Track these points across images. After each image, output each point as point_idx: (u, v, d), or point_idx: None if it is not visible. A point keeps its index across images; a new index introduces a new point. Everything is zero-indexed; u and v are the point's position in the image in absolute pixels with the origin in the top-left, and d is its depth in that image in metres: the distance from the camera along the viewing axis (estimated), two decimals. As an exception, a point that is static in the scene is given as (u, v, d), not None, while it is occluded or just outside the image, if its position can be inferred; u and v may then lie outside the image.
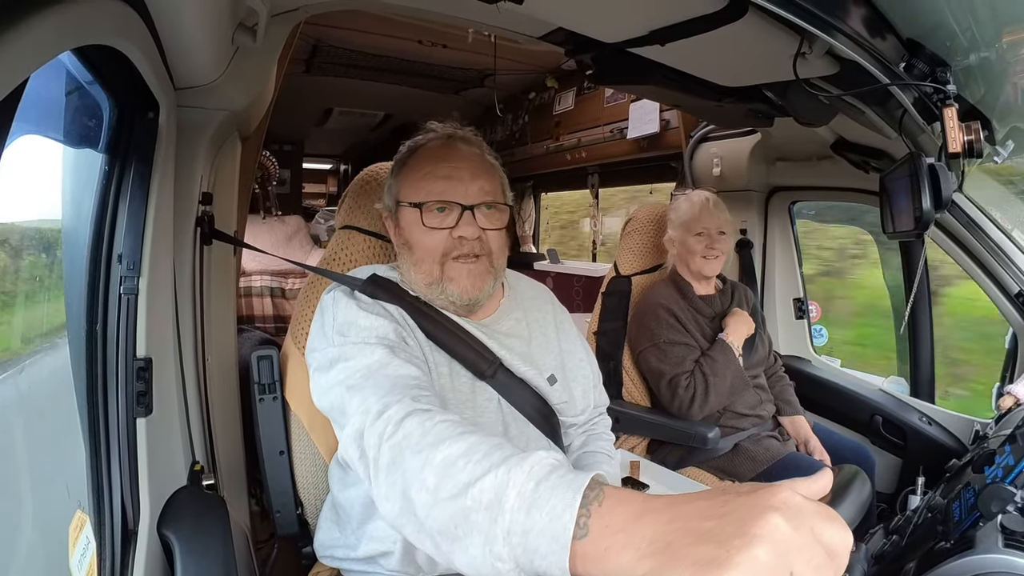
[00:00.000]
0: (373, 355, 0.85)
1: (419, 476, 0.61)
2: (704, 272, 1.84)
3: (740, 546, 0.40)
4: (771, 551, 0.40)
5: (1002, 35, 0.97)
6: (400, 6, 1.41)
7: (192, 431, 1.11)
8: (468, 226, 0.97)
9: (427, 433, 0.65)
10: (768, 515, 0.42)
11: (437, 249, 0.98)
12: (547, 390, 1.07)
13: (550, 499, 0.50)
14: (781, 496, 0.44)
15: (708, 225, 1.81)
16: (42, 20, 0.53)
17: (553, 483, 0.52)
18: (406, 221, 1.01)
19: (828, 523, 0.43)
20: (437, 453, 0.61)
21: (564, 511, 0.49)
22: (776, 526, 0.41)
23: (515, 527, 0.51)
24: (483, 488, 0.55)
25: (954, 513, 1.04)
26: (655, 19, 1.12)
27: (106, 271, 0.92)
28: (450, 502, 0.57)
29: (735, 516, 0.43)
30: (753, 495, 0.45)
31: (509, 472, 0.54)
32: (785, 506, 0.43)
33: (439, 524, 0.58)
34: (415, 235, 0.99)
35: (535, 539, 0.50)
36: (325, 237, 2.70)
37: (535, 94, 4.09)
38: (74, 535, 0.85)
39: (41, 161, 0.85)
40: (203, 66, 1.01)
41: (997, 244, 1.75)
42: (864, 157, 1.80)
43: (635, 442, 1.91)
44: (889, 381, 2.23)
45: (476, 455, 0.59)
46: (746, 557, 0.40)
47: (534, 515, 0.50)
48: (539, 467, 0.54)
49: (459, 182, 0.98)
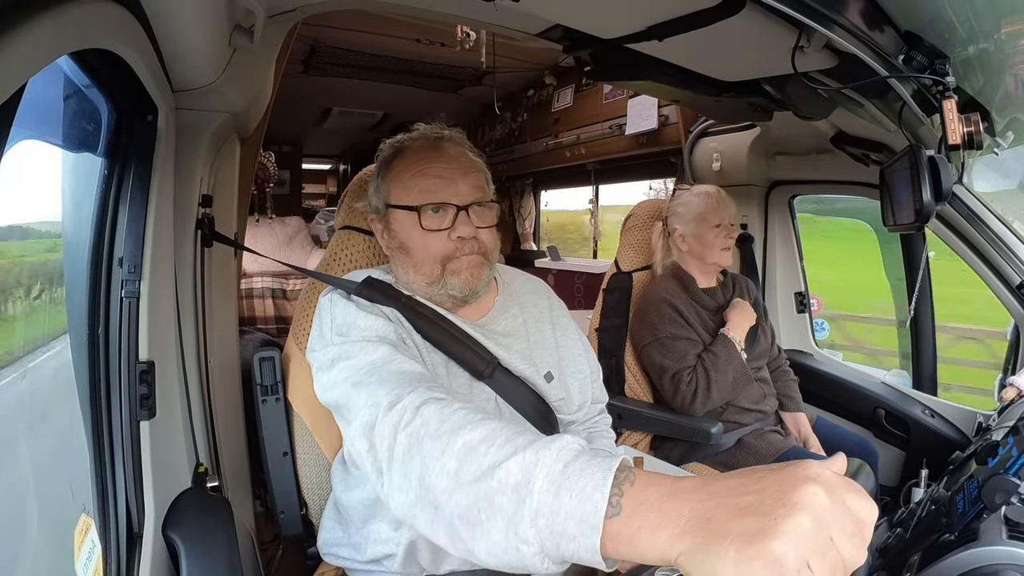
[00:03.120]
0: (376, 352, 0.85)
1: (439, 461, 0.60)
2: (722, 263, 1.84)
3: (784, 515, 0.42)
4: (813, 519, 0.42)
5: (1001, 26, 0.97)
6: (397, 5, 1.41)
7: (195, 433, 1.11)
8: (464, 226, 0.97)
9: (446, 420, 0.64)
10: (807, 485, 0.44)
11: (438, 252, 0.98)
12: (544, 387, 1.07)
13: (579, 479, 0.50)
14: (814, 469, 0.46)
15: (724, 216, 1.82)
16: (39, 25, 0.53)
17: (582, 464, 0.52)
18: (400, 224, 1.00)
19: (857, 495, 0.45)
20: (458, 438, 0.60)
21: (595, 491, 0.49)
22: (815, 494, 0.43)
23: (543, 508, 0.51)
24: (509, 470, 0.54)
25: (958, 505, 1.04)
26: (653, 14, 1.12)
27: (107, 275, 0.92)
28: (473, 485, 0.56)
29: (773, 489, 0.44)
30: (787, 470, 0.46)
31: (537, 454, 0.54)
32: (820, 478, 0.45)
33: (460, 508, 0.57)
34: (413, 238, 0.99)
35: (563, 521, 0.49)
36: (325, 237, 2.69)
37: (534, 91, 4.09)
38: (79, 539, 0.85)
39: (41, 165, 0.85)
40: (201, 68, 1.01)
41: (998, 235, 1.75)
42: (864, 150, 1.79)
43: (638, 438, 1.91)
44: (891, 374, 2.22)
45: (499, 439, 0.58)
46: (792, 525, 0.41)
47: (563, 496, 0.50)
48: (567, 450, 0.54)
49: (451, 182, 0.98)
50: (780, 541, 0.40)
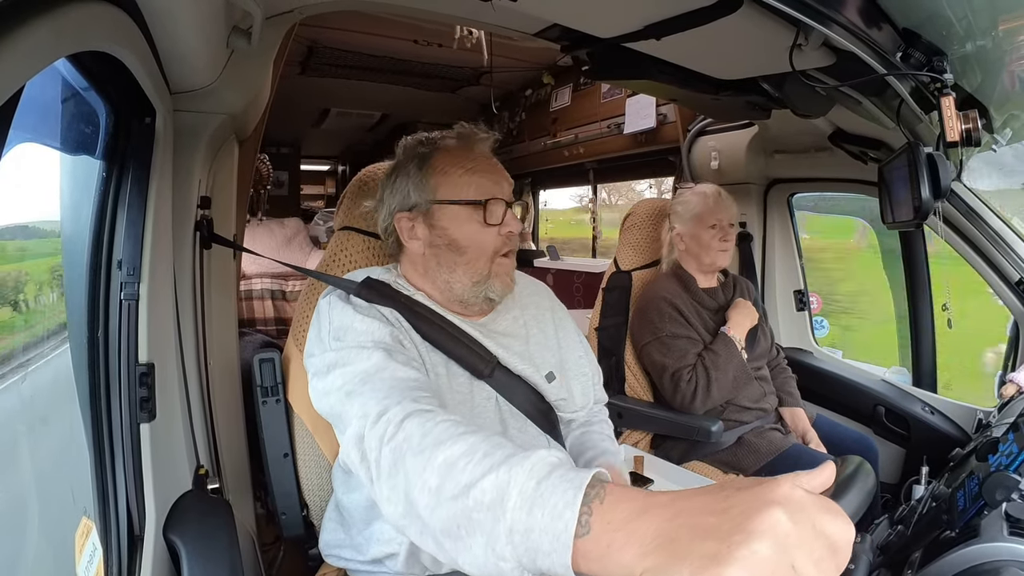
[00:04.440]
0: (370, 359, 0.85)
1: (421, 477, 0.61)
2: (718, 264, 1.84)
3: (740, 542, 0.40)
4: (772, 546, 0.40)
5: (998, 23, 0.97)
6: (395, 5, 1.41)
7: (196, 435, 1.11)
8: (513, 222, 1.00)
9: (427, 434, 0.65)
10: (769, 510, 0.42)
11: (490, 246, 0.99)
12: (545, 387, 1.07)
13: (551, 497, 0.51)
14: (782, 491, 0.43)
15: (721, 217, 1.81)
16: (37, 27, 0.53)
17: (554, 481, 0.52)
18: (452, 220, 0.99)
19: (829, 516, 0.43)
20: (439, 453, 0.61)
21: (565, 509, 0.49)
22: (777, 521, 0.41)
23: (517, 526, 0.51)
24: (484, 488, 0.55)
25: (958, 502, 1.04)
26: (650, 13, 1.12)
27: (106, 277, 0.92)
28: (452, 502, 0.57)
29: (736, 511, 0.43)
30: (753, 490, 0.44)
31: (510, 471, 0.54)
32: (786, 500, 0.43)
33: (442, 524, 0.58)
34: (468, 233, 0.99)
35: (537, 537, 0.50)
36: (324, 239, 2.69)
37: (531, 91, 4.08)
38: (80, 542, 0.85)
39: (39, 168, 0.85)
40: (199, 70, 1.01)
41: (997, 232, 1.75)
42: (862, 148, 1.79)
43: (638, 437, 1.91)
44: (891, 371, 2.22)
45: (477, 455, 0.59)
46: (746, 552, 0.40)
47: (535, 514, 0.51)
48: (540, 466, 0.54)
49: (500, 179, 1.00)
50: (734, 568, 0.39)
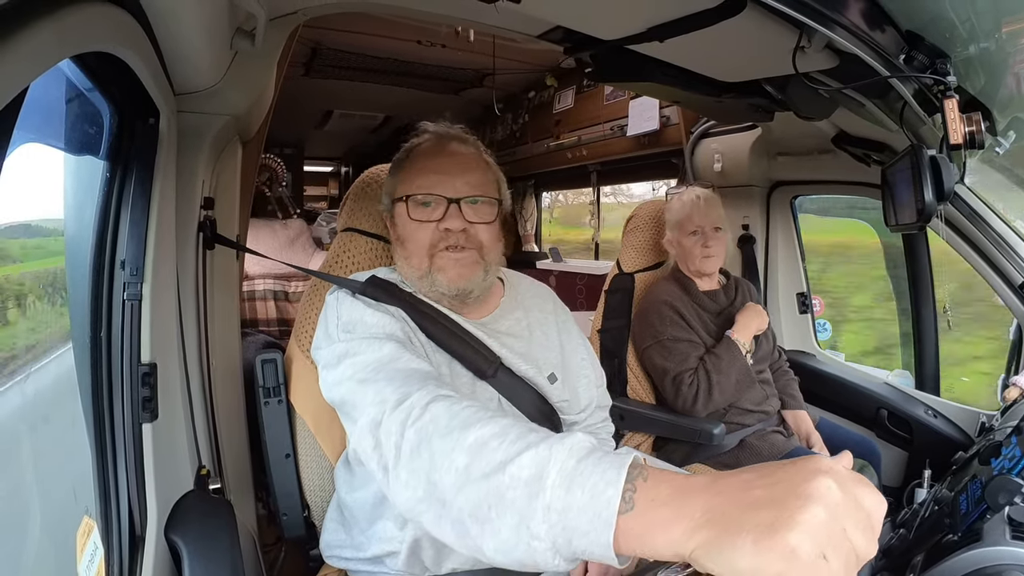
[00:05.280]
0: (383, 349, 0.85)
1: (448, 457, 0.60)
2: (704, 270, 1.84)
3: (799, 507, 0.42)
4: (826, 511, 0.42)
5: (1001, 25, 0.97)
6: (398, 7, 1.41)
7: (198, 436, 1.11)
8: (453, 219, 0.99)
9: (455, 416, 0.64)
10: (819, 478, 0.44)
11: (425, 241, 1.00)
12: (547, 388, 1.07)
13: (592, 475, 0.50)
14: (826, 463, 0.46)
15: (701, 223, 1.81)
16: (41, 28, 0.53)
17: (595, 460, 0.52)
18: (399, 216, 1.03)
19: (867, 489, 0.45)
20: (468, 434, 0.60)
21: (608, 487, 0.49)
22: (828, 487, 0.43)
23: (555, 503, 0.51)
24: (521, 464, 0.54)
25: (961, 506, 1.04)
26: (653, 15, 1.12)
27: (109, 277, 0.92)
28: (483, 480, 0.56)
29: (786, 483, 0.45)
30: (797, 464, 0.46)
31: (551, 449, 0.54)
32: (832, 472, 0.45)
33: (469, 504, 0.56)
34: (406, 229, 1.02)
35: (575, 517, 0.49)
36: (327, 240, 2.70)
37: (535, 93, 4.09)
38: (82, 541, 0.85)
39: (43, 169, 0.85)
40: (203, 71, 1.01)
41: (1000, 235, 1.74)
42: (865, 150, 1.79)
43: (640, 440, 1.91)
44: (894, 374, 2.22)
45: (511, 435, 0.58)
46: (807, 516, 0.41)
47: (575, 492, 0.50)
48: (580, 447, 0.54)
49: (447, 176, 1.00)
50: (796, 532, 0.40)
